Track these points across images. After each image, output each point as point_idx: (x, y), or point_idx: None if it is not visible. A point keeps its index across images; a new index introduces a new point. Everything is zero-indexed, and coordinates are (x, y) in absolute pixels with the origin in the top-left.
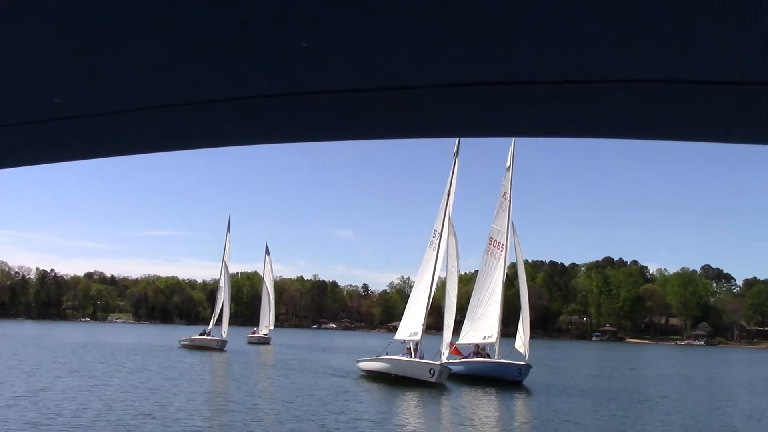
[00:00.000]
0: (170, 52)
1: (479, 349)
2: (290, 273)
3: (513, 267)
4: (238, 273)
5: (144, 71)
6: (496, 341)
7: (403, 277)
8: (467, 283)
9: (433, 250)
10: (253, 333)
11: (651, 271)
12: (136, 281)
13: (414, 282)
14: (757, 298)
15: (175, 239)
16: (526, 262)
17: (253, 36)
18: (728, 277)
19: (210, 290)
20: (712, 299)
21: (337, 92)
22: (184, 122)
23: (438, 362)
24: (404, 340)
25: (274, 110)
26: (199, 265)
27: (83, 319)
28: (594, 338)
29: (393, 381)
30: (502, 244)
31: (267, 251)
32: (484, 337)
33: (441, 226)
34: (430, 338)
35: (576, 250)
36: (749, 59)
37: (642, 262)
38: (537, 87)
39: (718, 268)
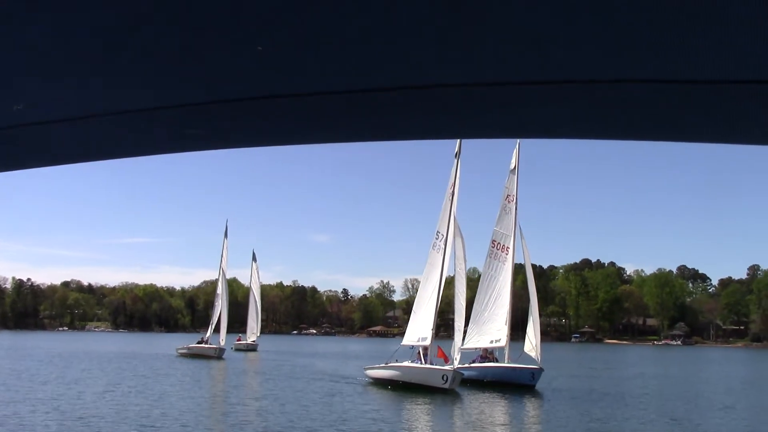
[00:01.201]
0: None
1: (487, 353)
2: (268, 279)
3: (519, 269)
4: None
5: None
6: (505, 345)
7: (382, 281)
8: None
9: (437, 252)
10: (239, 340)
11: (628, 273)
12: (113, 289)
13: (408, 284)
14: (732, 297)
15: (152, 246)
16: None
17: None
18: (704, 278)
19: (189, 297)
20: (689, 299)
21: (312, 95)
22: (155, 126)
23: (450, 368)
24: (412, 346)
25: (266, 112)
26: (176, 272)
27: (61, 329)
28: (573, 340)
29: (404, 388)
30: (507, 247)
31: (254, 258)
32: (492, 341)
33: (445, 227)
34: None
35: (554, 253)
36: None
37: (619, 264)
38: (538, 87)
39: (694, 269)
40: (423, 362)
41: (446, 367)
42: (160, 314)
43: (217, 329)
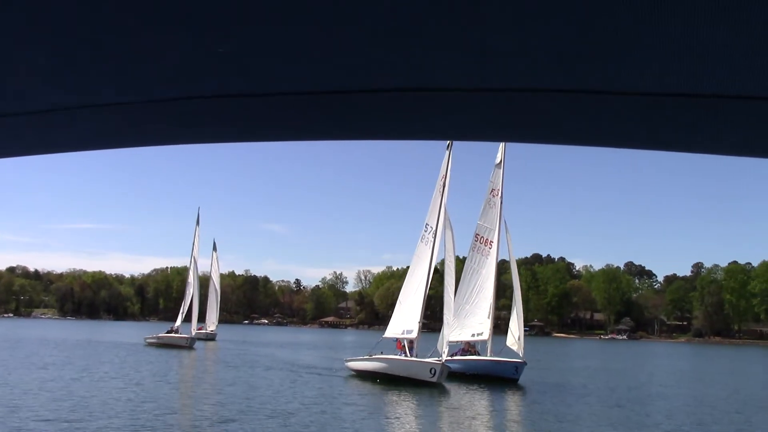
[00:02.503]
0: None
1: (469, 347)
2: (220, 267)
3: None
4: (167, 267)
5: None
6: (488, 338)
7: (335, 272)
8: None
9: (425, 245)
10: (200, 329)
11: (577, 268)
12: (61, 276)
13: (361, 275)
14: (677, 294)
15: (100, 232)
16: (457, 258)
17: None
18: (650, 274)
19: (138, 285)
20: (635, 295)
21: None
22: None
23: (439, 361)
24: (396, 338)
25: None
26: (125, 259)
27: (6, 315)
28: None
29: (389, 381)
30: (490, 241)
31: (214, 247)
32: (473, 335)
33: (435, 219)
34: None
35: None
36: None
37: (569, 259)
38: (529, 94)
39: (640, 265)
40: (408, 355)
41: (434, 360)
42: (108, 302)
43: (187, 318)
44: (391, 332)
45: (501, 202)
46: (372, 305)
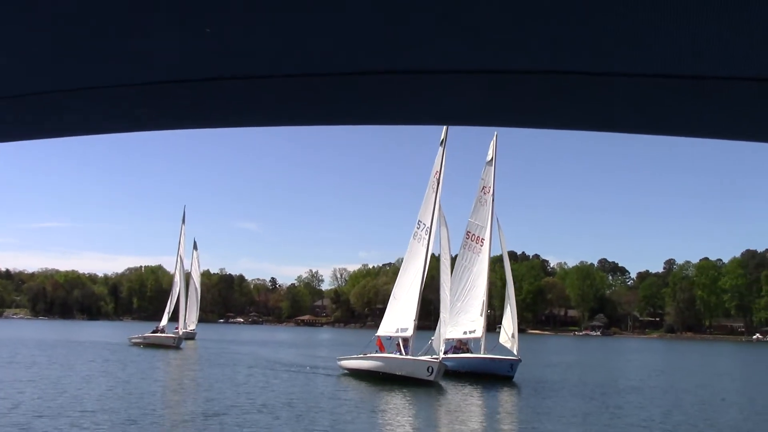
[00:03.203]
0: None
1: (461, 344)
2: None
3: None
4: (141, 267)
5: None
6: (481, 336)
7: (311, 270)
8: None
9: (418, 242)
10: (177, 328)
11: (552, 265)
12: (32, 275)
13: (337, 273)
14: (649, 290)
15: (72, 231)
16: (432, 255)
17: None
18: (623, 271)
19: (112, 284)
20: (608, 292)
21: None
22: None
23: (436, 359)
24: (390, 336)
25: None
26: (98, 258)
27: None
28: (497, 329)
29: (385, 380)
30: (482, 239)
31: (195, 246)
32: (465, 332)
33: (430, 217)
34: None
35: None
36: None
37: (543, 256)
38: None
39: (614, 262)
40: (403, 354)
41: (431, 359)
42: (82, 301)
43: (173, 318)
44: (384, 330)
45: (493, 200)
46: (348, 303)
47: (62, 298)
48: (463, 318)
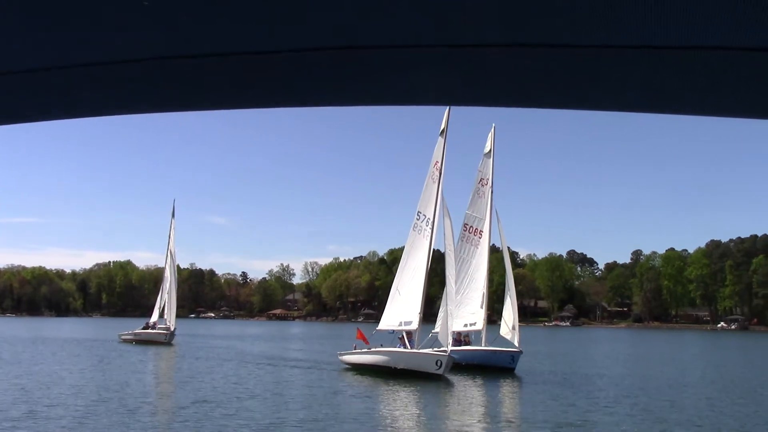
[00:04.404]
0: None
1: (461, 337)
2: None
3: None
4: (110, 262)
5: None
6: (482, 328)
7: (282, 264)
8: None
9: (419, 233)
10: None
11: (521, 257)
12: None
13: (308, 267)
14: (617, 281)
15: (36, 227)
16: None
17: None
18: (591, 262)
19: (80, 280)
20: (577, 283)
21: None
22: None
23: (444, 352)
24: (392, 330)
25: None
26: (64, 254)
27: None
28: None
29: (390, 374)
30: (480, 231)
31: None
32: (465, 325)
33: (429, 208)
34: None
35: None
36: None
37: (513, 248)
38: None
39: (582, 253)
40: (408, 347)
41: (439, 352)
42: (50, 298)
43: (163, 313)
44: (387, 324)
45: (491, 192)
46: (320, 297)
47: (29, 294)
48: (463, 310)
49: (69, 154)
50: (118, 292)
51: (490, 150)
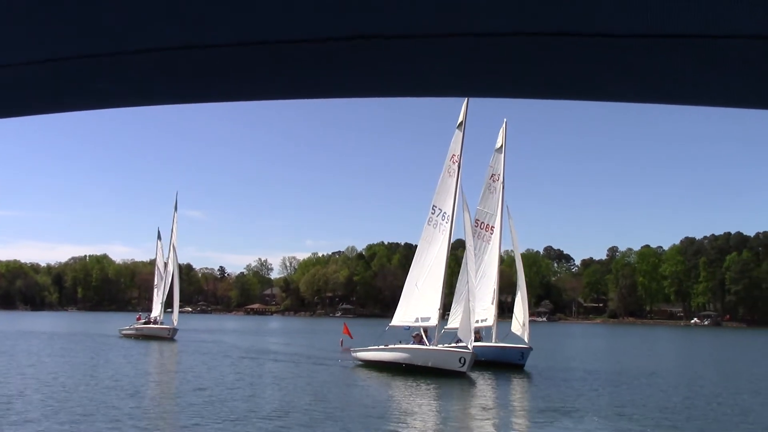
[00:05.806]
0: None
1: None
2: (139, 255)
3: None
4: (86, 256)
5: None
6: (493, 325)
7: (260, 259)
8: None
9: (434, 228)
10: (138, 318)
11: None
12: None
13: (286, 262)
14: (593, 277)
15: (8, 220)
16: (381, 244)
17: None
18: (568, 258)
19: (55, 274)
20: (554, 278)
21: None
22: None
23: (467, 349)
24: (408, 326)
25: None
26: (39, 247)
27: None
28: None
29: (408, 371)
30: (491, 227)
31: (159, 236)
32: (477, 321)
33: (445, 202)
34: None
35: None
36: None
37: None
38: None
39: (559, 250)
40: (427, 344)
41: (462, 349)
42: (25, 291)
43: (166, 308)
44: (402, 320)
45: (503, 188)
46: (298, 292)
47: (4, 288)
48: (475, 306)
49: (43, 148)
50: (94, 286)
51: (502, 145)
